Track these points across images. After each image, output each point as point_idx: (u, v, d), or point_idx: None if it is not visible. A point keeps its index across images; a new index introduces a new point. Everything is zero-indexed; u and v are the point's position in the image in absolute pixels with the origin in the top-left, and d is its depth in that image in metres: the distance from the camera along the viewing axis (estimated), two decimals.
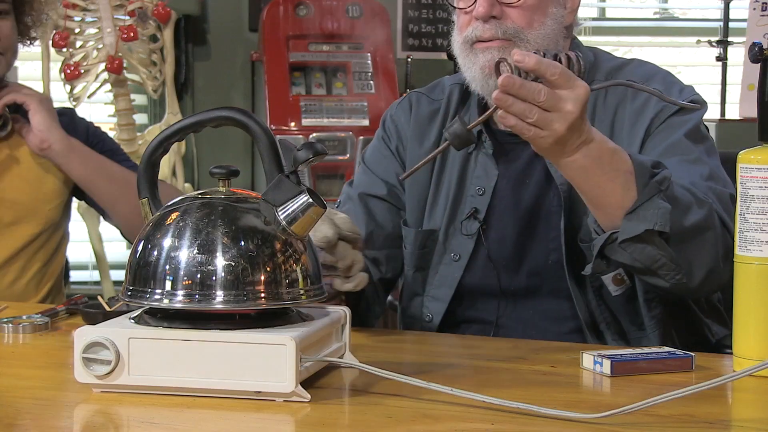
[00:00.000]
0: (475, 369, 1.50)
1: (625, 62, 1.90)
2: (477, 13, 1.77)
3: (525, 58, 1.44)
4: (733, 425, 1.28)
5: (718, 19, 4.65)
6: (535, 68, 1.44)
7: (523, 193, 1.85)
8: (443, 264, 1.89)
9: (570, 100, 1.46)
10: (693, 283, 1.63)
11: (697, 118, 1.80)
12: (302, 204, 1.32)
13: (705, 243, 1.61)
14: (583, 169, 1.54)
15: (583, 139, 1.51)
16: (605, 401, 1.35)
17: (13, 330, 1.70)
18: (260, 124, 1.36)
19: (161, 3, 4.15)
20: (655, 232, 1.55)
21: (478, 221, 1.86)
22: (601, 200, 1.57)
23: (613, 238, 1.58)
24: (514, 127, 1.48)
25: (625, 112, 1.82)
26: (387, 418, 1.23)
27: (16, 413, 1.26)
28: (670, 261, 1.59)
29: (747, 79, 4.01)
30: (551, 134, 1.47)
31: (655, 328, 1.79)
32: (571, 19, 1.85)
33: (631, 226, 1.55)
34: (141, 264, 1.34)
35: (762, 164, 1.42)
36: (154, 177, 1.44)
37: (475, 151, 1.89)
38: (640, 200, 1.54)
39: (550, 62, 1.46)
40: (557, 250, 1.81)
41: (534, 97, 1.45)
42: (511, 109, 1.46)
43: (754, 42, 1.44)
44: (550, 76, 1.45)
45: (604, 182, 1.54)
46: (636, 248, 1.57)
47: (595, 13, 5.15)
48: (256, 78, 4.57)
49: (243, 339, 1.28)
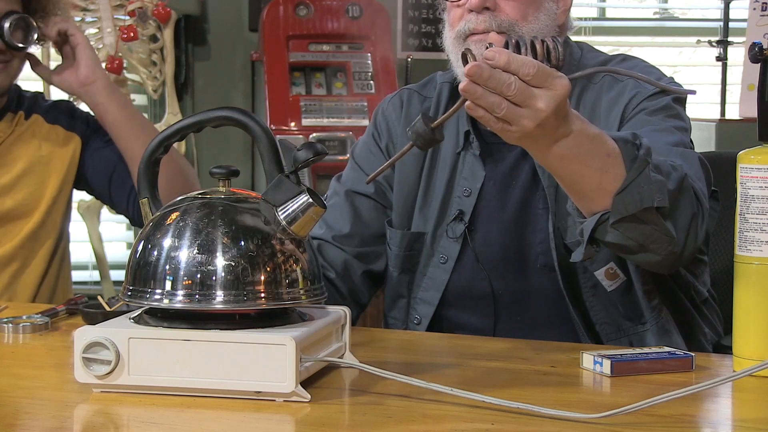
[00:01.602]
0: (475, 369, 1.50)
1: (609, 58, 1.89)
2: (471, 5, 1.75)
3: (496, 55, 1.33)
4: (733, 425, 1.28)
5: (718, 19, 4.65)
6: (507, 67, 1.33)
7: (509, 195, 1.83)
8: (431, 266, 1.87)
9: (543, 98, 1.36)
10: (679, 248, 1.57)
11: (669, 99, 1.77)
12: (302, 204, 1.32)
13: (683, 204, 1.57)
14: (558, 158, 1.46)
15: (559, 134, 1.43)
16: (605, 401, 1.35)
17: (13, 330, 1.70)
18: (260, 124, 1.36)
19: (161, 3, 4.15)
20: (652, 208, 1.50)
21: (464, 223, 1.84)
22: (579, 186, 1.51)
23: (603, 220, 1.51)
24: (481, 119, 1.38)
25: (601, 106, 1.81)
26: (387, 418, 1.23)
27: (15, 413, 1.26)
28: (664, 234, 1.54)
29: (747, 79, 4.01)
30: (519, 130, 1.38)
31: (655, 320, 1.78)
32: (564, 18, 1.84)
33: (624, 205, 1.49)
34: (141, 264, 1.34)
35: (762, 164, 1.42)
36: (154, 177, 1.44)
37: (463, 151, 1.87)
38: (630, 177, 1.48)
39: (524, 60, 1.34)
40: (546, 253, 1.80)
41: (503, 89, 1.34)
42: (480, 101, 1.35)
43: (754, 42, 1.44)
44: (524, 76, 1.34)
45: (581, 168, 1.47)
46: (629, 226, 1.51)
47: (595, 13, 5.15)
48: (256, 78, 4.57)
49: (243, 339, 1.28)
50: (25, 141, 2.31)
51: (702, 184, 1.65)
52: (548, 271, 1.80)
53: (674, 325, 1.81)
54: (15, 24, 2.21)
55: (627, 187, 1.48)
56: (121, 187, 2.34)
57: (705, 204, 1.63)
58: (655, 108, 1.76)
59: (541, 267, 1.81)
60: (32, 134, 2.32)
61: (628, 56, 1.91)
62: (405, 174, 1.91)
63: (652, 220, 1.52)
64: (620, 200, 1.49)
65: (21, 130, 2.32)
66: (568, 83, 1.38)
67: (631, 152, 1.49)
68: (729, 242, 1.57)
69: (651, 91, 1.77)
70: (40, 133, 2.33)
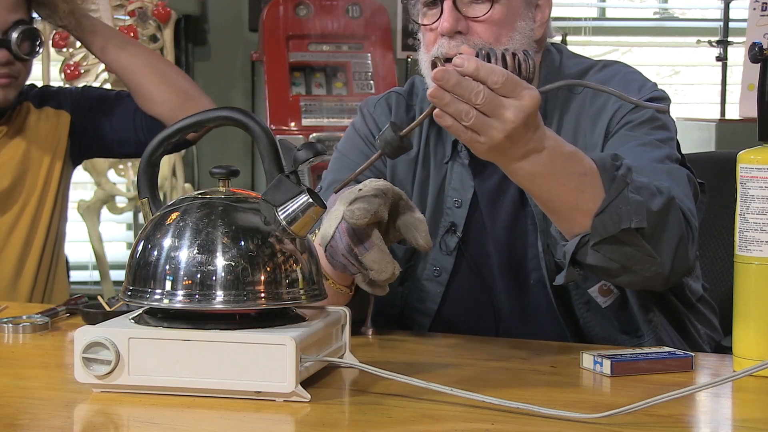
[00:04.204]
0: (475, 369, 1.50)
1: (590, 65, 1.85)
2: (442, 29, 1.70)
3: (465, 62, 1.31)
4: (733, 425, 1.28)
5: (718, 19, 4.66)
6: (475, 74, 1.31)
7: (499, 211, 1.81)
8: (424, 279, 1.85)
9: (512, 108, 1.33)
10: (665, 271, 1.56)
11: (653, 111, 1.74)
12: (302, 204, 1.32)
13: (669, 227, 1.55)
14: (531, 175, 1.43)
15: (530, 148, 1.40)
16: (605, 401, 1.35)
17: (13, 330, 1.70)
18: (260, 124, 1.36)
19: (161, 3, 4.15)
20: (632, 229, 1.48)
21: (457, 236, 1.82)
22: (555, 205, 1.49)
23: (583, 242, 1.50)
24: (449, 128, 1.35)
25: (585, 118, 1.78)
26: (387, 418, 1.23)
27: (16, 413, 1.26)
28: (646, 255, 1.52)
29: (747, 79, 4.01)
30: (488, 141, 1.36)
31: (652, 333, 1.77)
32: (542, 32, 1.79)
33: (603, 226, 1.48)
34: (141, 264, 1.34)
35: (762, 164, 1.42)
36: (154, 177, 1.44)
37: (451, 161, 1.84)
38: (609, 197, 1.47)
39: (493, 68, 1.32)
40: (538, 269, 1.78)
41: (472, 98, 1.31)
42: (448, 108, 1.33)
43: (754, 42, 1.44)
44: (492, 84, 1.32)
45: (555, 187, 1.45)
46: (610, 248, 1.50)
47: (595, 13, 5.16)
48: (256, 78, 4.57)
49: (243, 339, 1.28)
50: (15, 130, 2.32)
51: (690, 203, 1.64)
52: (541, 287, 1.79)
53: (670, 332, 1.80)
54: (22, 35, 2.21)
55: (606, 208, 1.47)
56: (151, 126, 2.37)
57: (694, 224, 1.62)
58: (640, 121, 1.74)
59: (535, 283, 1.80)
60: (23, 122, 2.34)
61: (609, 62, 1.86)
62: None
63: (633, 241, 1.51)
64: (599, 221, 1.47)
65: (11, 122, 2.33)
66: (538, 95, 1.35)
67: (610, 172, 1.48)
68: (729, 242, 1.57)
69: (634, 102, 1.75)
70: (30, 120, 2.35)
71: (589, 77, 1.81)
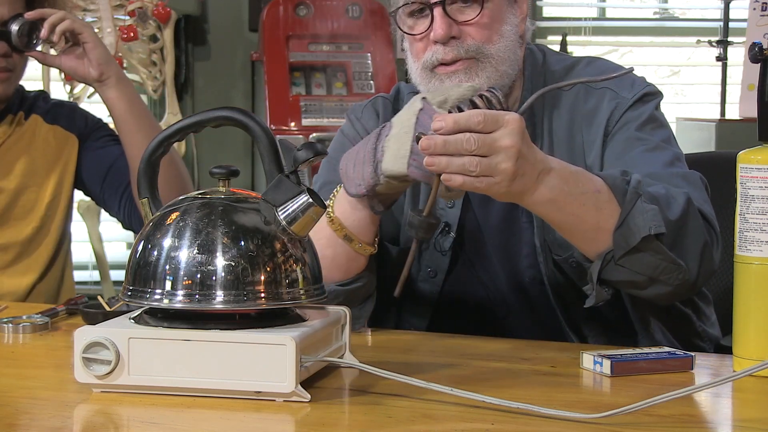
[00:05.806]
0: (475, 369, 1.50)
1: (575, 62, 1.85)
2: (436, 36, 1.71)
3: (442, 122, 1.39)
4: (733, 425, 1.28)
5: (718, 19, 4.66)
6: (456, 127, 1.38)
7: (491, 210, 1.81)
8: (420, 280, 1.85)
9: (505, 136, 1.39)
10: (692, 277, 1.59)
11: (651, 109, 1.76)
12: (302, 204, 1.32)
13: (691, 232, 1.58)
14: (552, 202, 1.49)
15: (541, 169, 1.46)
16: (605, 401, 1.35)
17: (13, 330, 1.70)
18: (260, 124, 1.36)
19: (161, 3, 4.15)
20: (652, 237, 1.51)
21: (452, 236, 1.82)
22: (579, 227, 1.53)
23: (608, 259, 1.53)
24: (463, 186, 1.41)
25: (579, 115, 1.78)
26: (387, 418, 1.24)
27: (15, 413, 1.26)
28: (671, 263, 1.55)
29: (747, 79, 4.01)
30: (503, 176, 1.41)
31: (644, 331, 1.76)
32: (523, 27, 1.79)
33: (624, 239, 1.51)
34: (141, 264, 1.34)
35: (762, 164, 1.42)
36: (154, 177, 1.44)
37: None
38: (625, 211, 1.51)
39: (469, 113, 1.39)
40: (534, 267, 1.79)
41: (465, 147, 1.38)
42: (450, 168, 1.39)
43: (754, 42, 1.44)
44: (476, 126, 1.38)
45: (576, 208, 1.50)
46: (635, 260, 1.53)
47: (595, 13, 5.16)
48: (256, 78, 4.57)
49: (243, 339, 1.28)
50: (24, 142, 2.31)
51: (709, 207, 1.65)
52: (538, 284, 1.79)
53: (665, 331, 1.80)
54: (21, 27, 2.21)
55: (624, 222, 1.51)
56: (114, 189, 2.34)
57: (716, 227, 1.64)
58: (641, 121, 1.75)
59: (530, 281, 1.80)
60: (32, 135, 2.32)
61: (594, 59, 1.87)
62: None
63: (656, 250, 1.54)
64: (619, 235, 1.52)
65: (21, 131, 2.32)
66: (518, 115, 1.42)
67: (621, 187, 1.52)
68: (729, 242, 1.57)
69: (630, 100, 1.75)
70: (39, 134, 2.33)
71: (575, 72, 1.82)
